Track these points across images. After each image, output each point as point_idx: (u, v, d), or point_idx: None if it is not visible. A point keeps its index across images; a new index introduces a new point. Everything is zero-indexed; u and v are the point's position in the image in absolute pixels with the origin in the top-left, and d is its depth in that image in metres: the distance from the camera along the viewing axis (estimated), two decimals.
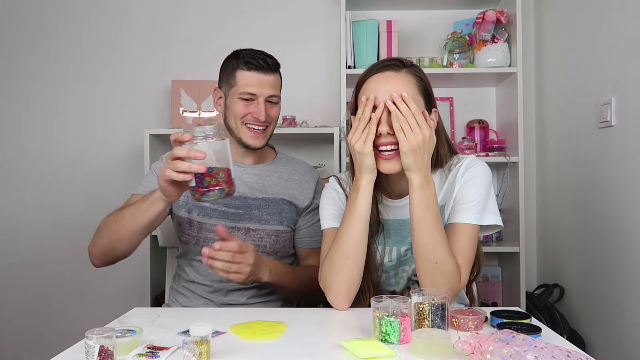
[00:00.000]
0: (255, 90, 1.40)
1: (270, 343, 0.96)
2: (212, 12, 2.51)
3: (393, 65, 1.17)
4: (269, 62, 1.41)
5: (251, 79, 1.40)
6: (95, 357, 0.80)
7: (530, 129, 2.40)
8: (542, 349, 0.76)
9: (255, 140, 1.44)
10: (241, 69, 1.41)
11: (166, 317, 1.10)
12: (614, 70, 1.76)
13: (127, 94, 2.50)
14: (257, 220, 1.46)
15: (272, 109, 1.45)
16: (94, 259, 1.38)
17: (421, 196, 1.10)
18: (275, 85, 1.44)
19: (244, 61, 1.41)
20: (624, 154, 1.70)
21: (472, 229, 1.16)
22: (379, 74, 1.17)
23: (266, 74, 1.41)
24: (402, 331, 0.91)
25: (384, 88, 1.14)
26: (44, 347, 2.40)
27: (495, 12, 2.21)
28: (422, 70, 1.22)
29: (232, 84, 1.43)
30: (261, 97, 1.41)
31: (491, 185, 1.22)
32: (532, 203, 2.42)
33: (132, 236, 1.29)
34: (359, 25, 2.25)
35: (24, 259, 2.52)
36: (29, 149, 2.52)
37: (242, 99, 1.41)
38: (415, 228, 1.11)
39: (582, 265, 1.99)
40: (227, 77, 1.45)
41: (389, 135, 1.12)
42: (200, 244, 1.44)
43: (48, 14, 2.53)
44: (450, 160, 1.25)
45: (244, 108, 1.41)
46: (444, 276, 1.09)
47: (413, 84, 1.16)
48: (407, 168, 1.11)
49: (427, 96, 1.18)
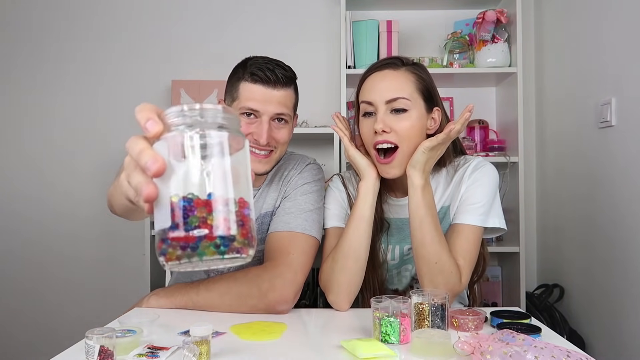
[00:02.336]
0: (257, 106, 1.19)
1: (270, 343, 0.95)
2: (212, 12, 2.51)
3: (392, 64, 1.18)
4: (278, 75, 1.19)
5: (255, 93, 1.19)
6: (95, 357, 0.80)
7: (530, 129, 2.40)
8: (542, 349, 0.76)
9: (256, 164, 1.21)
10: (245, 81, 1.20)
11: (166, 317, 1.10)
12: (614, 70, 1.76)
13: (127, 94, 2.50)
14: None
15: (280, 131, 1.22)
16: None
17: (423, 196, 1.11)
18: (284, 102, 1.21)
19: (249, 72, 1.20)
20: (624, 154, 1.70)
21: (475, 230, 1.16)
22: (378, 72, 1.18)
23: (274, 88, 1.19)
24: (402, 331, 0.91)
25: (381, 86, 1.15)
26: (44, 347, 2.41)
27: (495, 12, 2.21)
28: (425, 69, 1.22)
29: (234, 97, 1.23)
30: (265, 116, 1.19)
31: (497, 188, 1.22)
32: (532, 203, 2.42)
33: (123, 210, 1.00)
34: (359, 25, 2.25)
35: (24, 259, 2.52)
36: (29, 149, 2.52)
37: (243, 114, 1.20)
38: (416, 228, 1.12)
39: (582, 265, 1.99)
40: (230, 88, 1.26)
41: (384, 133, 1.13)
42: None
43: (48, 14, 2.53)
44: (456, 160, 1.26)
45: (245, 127, 1.19)
46: (444, 276, 1.10)
47: (411, 82, 1.16)
48: (414, 165, 1.12)
49: (427, 95, 1.18)
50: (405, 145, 1.13)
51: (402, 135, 1.13)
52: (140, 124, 0.53)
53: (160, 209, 0.50)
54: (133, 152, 0.53)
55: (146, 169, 0.50)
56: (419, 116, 1.15)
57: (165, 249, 0.50)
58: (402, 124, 1.13)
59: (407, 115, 1.13)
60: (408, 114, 1.14)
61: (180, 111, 0.51)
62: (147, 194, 0.50)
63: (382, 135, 1.13)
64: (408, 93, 1.13)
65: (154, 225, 0.52)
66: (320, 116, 2.39)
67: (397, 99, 1.13)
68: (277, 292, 1.13)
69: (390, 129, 1.13)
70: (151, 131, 0.52)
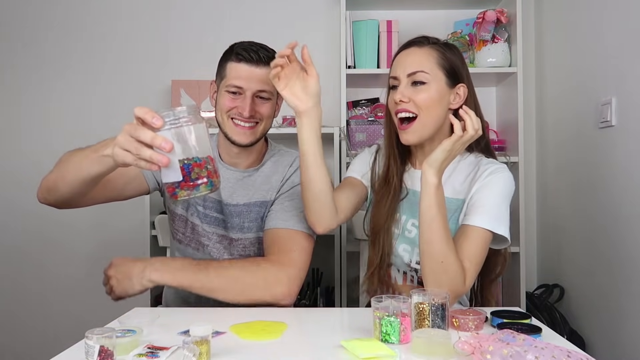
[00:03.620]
0: (242, 83, 1.29)
1: (270, 343, 0.95)
2: (211, 12, 2.51)
3: (418, 42, 1.27)
4: (260, 55, 1.30)
5: (239, 71, 1.30)
6: (95, 357, 0.80)
7: (530, 129, 2.40)
8: (543, 349, 0.76)
9: (240, 136, 1.32)
10: (231, 61, 1.31)
11: (166, 317, 1.10)
12: (614, 70, 1.76)
13: (127, 94, 2.50)
14: (238, 229, 1.39)
15: (262, 106, 1.33)
16: (39, 192, 1.28)
17: (435, 195, 1.13)
18: (266, 79, 1.28)
19: (235, 52, 1.31)
20: (624, 154, 1.70)
21: (485, 234, 1.16)
22: (405, 49, 1.28)
23: (257, 66, 1.30)
24: (402, 331, 0.91)
25: (405, 61, 1.25)
26: (44, 347, 2.40)
27: (495, 12, 2.21)
28: (455, 48, 1.29)
29: (222, 76, 1.34)
30: (249, 92, 1.30)
31: (510, 198, 1.23)
32: (532, 203, 2.42)
33: (74, 181, 1.14)
34: (359, 25, 2.25)
35: (24, 259, 2.52)
36: (27, 149, 2.52)
37: (229, 92, 1.31)
38: (427, 226, 1.12)
39: (583, 265, 1.99)
40: (220, 69, 1.37)
41: (402, 103, 1.21)
42: (192, 245, 1.42)
43: (47, 14, 2.53)
44: (480, 156, 1.29)
45: (230, 101, 1.31)
46: (449, 276, 1.10)
47: (433, 57, 1.23)
48: (430, 163, 1.14)
49: (450, 70, 1.24)
50: (423, 115, 1.21)
51: (420, 105, 1.21)
52: (142, 117, 0.87)
53: (169, 170, 0.88)
54: (145, 137, 0.86)
55: (161, 148, 0.85)
56: (438, 89, 1.22)
57: (177, 192, 0.90)
58: (420, 96, 1.21)
59: (425, 88, 1.21)
60: (426, 86, 1.21)
61: (176, 111, 0.89)
62: (165, 162, 0.86)
63: (401, 105, 1.22)
64: (428, 67, 1.21)
65: (162, 179, 0.91)
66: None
67: (417, 73, 1.21)
68: (283, 287, 1.22)
69: (408, 99, 1.21)
70: (157, 124, 0.87)
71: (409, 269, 1.30)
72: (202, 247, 1.41)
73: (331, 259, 2.16)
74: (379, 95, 2.43)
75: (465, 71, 1.27)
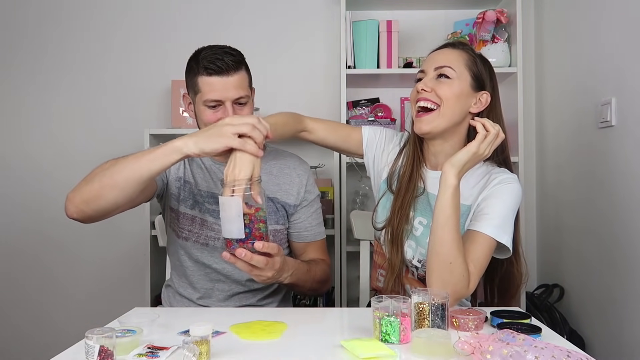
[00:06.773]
0: (219, 96, 1.30)
1: (270, 343, 0.96)
2: (212, 12, 2.51)
3: (452, 44, 1.33)
4: (228, 62, 1.30)
5: (213, 85, 1.30)
6: (95, 357, 0.80)
7: (530, 129, 2.40)
8: (543, 349, 0.76)
9: None
10: (202, 75, 1.31)
11: (166, 317, 1.10)
12: (614, 70, 1.76)
13: (127, 93, 2.50)
14: None
15: (242, 110, 1.35)
16: (72, 206, 1.22)
17: (452, 197, 1.13)
18: (240, 85, 1.32)
19: (202, 66, 1.31)
20: (624, 154, 1.70)
21: (490, 241, 1.17)
22: (439, 49, 1.33)
23: (228, 75, 1.30)
24: (402, 331, 0.91)
25: (435, 57, 1.30)
26: (44, 347, 2.41)
27: (495, 12, 2.21)
28: (488, 62, 1.32)
29: (196, 91, 1.34)
30: (227, 102, 1.31)
31: (516, 209, 1.24)
32: (532, 203, 2.42)
33: (126, 184, 1.13)
34: (359, 25, 2.25)
35: (24, 259, 2.52)
36: (28, 149, 2.52)
37: (207, 106, 1.32)
38: (440, 226, 1.12)
39: (582, 266, 1.99)
40: (190, 82, 1.37)
41: (424, 92, 1.25)
42: (200, 241, 1.43)
43: (48, 14, 2.53)
44: (493, 165, 1.29)
45: (212, 115, 1.32)
46: (454, 277, 1.10)
47: (462, 58, 1.27)
48: (453, 164, 1.14)
49: (477, 75, 1.27)
50: (442, 107, 1.24)
51: (441, 96, 1.23)
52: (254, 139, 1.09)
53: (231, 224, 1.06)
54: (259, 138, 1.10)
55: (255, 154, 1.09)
56: (461, 87, 1.24)
57: (233, 251, 1.06)
58: (443, 88, 1.24)
59: (449, 82, 1.24)
60: (450, 81, 1.24)
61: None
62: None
63: (423, 94, 1.25)
64: (456, 65, 1.25)
65: (223, 233, 1.08)
66: (320, 116, 2.38)
67: (444, 67, 1.25)
68: (328, 284, 1.48)
69: (431, 89, 1.24)
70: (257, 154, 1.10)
71: (410, 265, 1.31)
72: (211, 241, 1.43)
73: (331, 259, 2.15)
74: (379, 95, 2.44)
75: (493, 83, 1.30)
